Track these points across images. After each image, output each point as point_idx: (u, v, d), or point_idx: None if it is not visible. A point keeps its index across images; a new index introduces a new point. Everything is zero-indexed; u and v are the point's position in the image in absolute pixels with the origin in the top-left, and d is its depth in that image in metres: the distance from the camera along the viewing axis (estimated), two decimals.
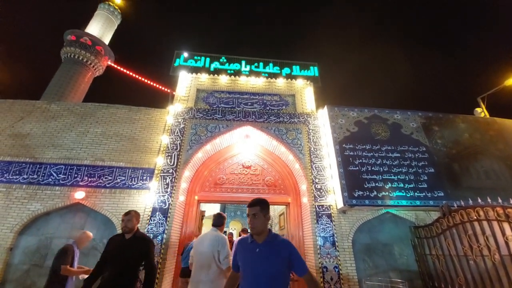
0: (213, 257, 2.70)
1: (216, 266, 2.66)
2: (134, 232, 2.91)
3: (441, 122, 6.73)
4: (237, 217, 20.29)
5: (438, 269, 4.70)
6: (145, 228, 4.92)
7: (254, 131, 6.28)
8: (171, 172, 5.48)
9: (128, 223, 2.85)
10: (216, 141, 6.09)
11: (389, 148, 6.01)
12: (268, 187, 6.35)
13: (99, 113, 6.37)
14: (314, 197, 5.44)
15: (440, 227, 4.73)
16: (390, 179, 5.58)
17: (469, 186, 5.71)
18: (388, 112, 6.65)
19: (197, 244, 2.95)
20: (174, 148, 5.77)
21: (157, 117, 6.37)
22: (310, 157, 5.93)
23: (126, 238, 2.82)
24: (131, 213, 2.94)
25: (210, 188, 6.20)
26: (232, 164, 6.58)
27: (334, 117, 6.31)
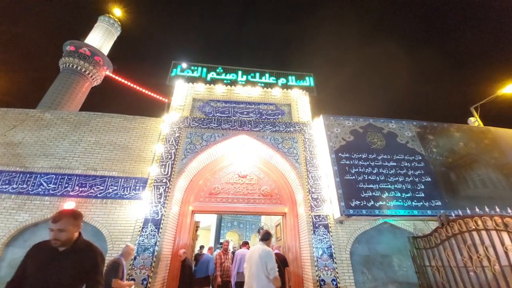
0: (262, 268, 3.09)
1: (265, 276, 3.04)
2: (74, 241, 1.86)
3: (435, 131, 6.78)
4: (234, 227, 19.88)
5: (438, 281, 4.56)
6: (136, 240, 4.75)
7: (250, 140, 6.25)
8: (164, 181, 5.37)
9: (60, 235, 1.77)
10: (211, 150, 6.03)
11: (385, 157, 6.00)
12: (264, 197, 6.24)
13: (93, 122, 6.31)
14: (311, 207, 5.35)
15: (439, 237, 4.63)
16: (387, 188, 5.53)
17: (466, 195, 5.67)
18: (383, 121, 6.68)
19: (249, 257, 3.35)
20: (169, 157, 5.69)
21: (152, 126, 6.33)
22: (306, 166, 5.88)
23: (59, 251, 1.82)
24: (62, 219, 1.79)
25: (205, 198, 6.08)
26: (227, 174, 6.49)
27: (330, 126, 6.32)
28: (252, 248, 3.52)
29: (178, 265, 5.22)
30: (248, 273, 3.24)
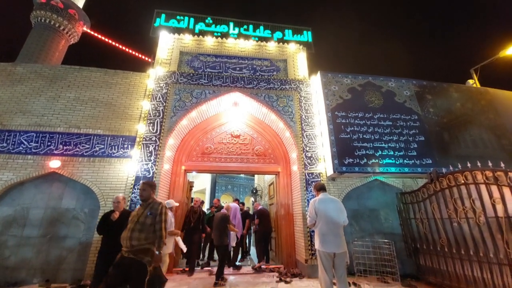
0: (339, 217, 2.98)
1: (342, 223, 2.99)
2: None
3: (434, 91, 6.59)
4: (228, 191, 20.53)
5: (421, 232, 4.84)
6: (129, 196, 4.71)
7: (243, 98, 5.92)
8: (154, 140, 5.15)
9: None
10: (202, 108, 5.71)
11: (381, 116, 5.87)
12: (257, 157, 6.18)
13: (71, 76, 5.76)
14: (304, 165, 5.34)
15: (427, 192, 4.78)
16: (381, 146, 5.51)
17: (456, 154, 5.75)
18: (383, 80, 6.40)
19: (322, 206, 3.05)
20: (157, 115, 5.37)
21: (137, 81, 5.84)
22: (301, 125, 5.71)
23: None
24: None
25: (197, 158, 5.96)
26: (220, 133, 6.29)
27: (327, 84, 6.00)
28: (321, 198, 3.12)
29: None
30: (325, 220, 2.90)
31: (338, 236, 2.80)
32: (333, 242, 2.74)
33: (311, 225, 2.98)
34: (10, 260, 4.42)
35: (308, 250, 4.69)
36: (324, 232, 2.81)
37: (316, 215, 2.92)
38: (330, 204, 2.99)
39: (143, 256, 2.31)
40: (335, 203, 3.04)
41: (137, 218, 2.46)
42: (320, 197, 3.09)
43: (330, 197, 3.14)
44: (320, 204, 2.98)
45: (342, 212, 2.95)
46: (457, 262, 4.09)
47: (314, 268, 4.56)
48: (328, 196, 3.15)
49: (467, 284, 3.87)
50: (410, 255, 4.96)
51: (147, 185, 2.67)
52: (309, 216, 3.00)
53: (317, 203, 3.00)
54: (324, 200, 3.04)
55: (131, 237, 2.34)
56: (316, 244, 2.85)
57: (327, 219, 2.85)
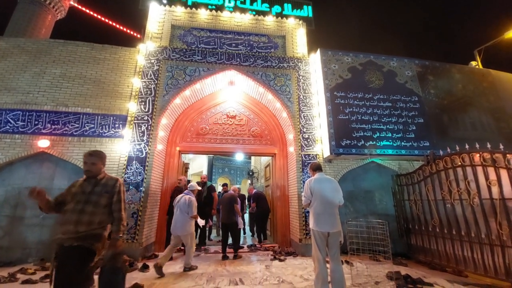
0: (335, 196, 2.88)
1: (338, 202, 2.88)
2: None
3: (436, 72, 6.38)
4: (224, 173, 20.66)
5: (414, 213, 4.91)
6: (122, 177, 4.62)
7: (239, 76, 5.67)
8: (146, 119, 4.96)
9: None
10: (196, 86, 5.47)
11: (381, 97, 5.70)
12: (254, 138, 6.06)
13: (56, 51, 5.41)
14: (301, 147, 5.25)
15: (422, 174, 4.78)
16: (379, 128, 5.41)
17: (454, 137, 5.69)
18: (385, 59, 6.14)
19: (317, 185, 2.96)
20: (148, 93, 5.14)
21: (126, 57, 5.52)
22: (299, 105, 5.54)
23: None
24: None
25: (192, 139, 5.83)
26: (215, 114, 6.11)
27: (327, 62, 5.74)
28: (317, 178, 3.00)
29: (168, 201, 5.27)
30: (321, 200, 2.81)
31: (333, 216, 2.77)
32: (328, 221, 2.71)
33: (306, 205, 2.93)
34: (4, 240, 4.41)
35: (303, 230, 4.75)
36: (319, 211, 2.77)
37: (312, 194, 2.86)
38: (326, 184, 2.92)
39: (92, 242, 1.85)
40: (331, 182, 2.98)
41: (85, 197, 1.94)
42: (316, 177, 3.02)
43: (326, 177, 3.07)
44: (316, 183, 2.91)
45: (337, 192, 2.90)
46: (448, 242, 4.18)
47: (308, 247, 4.64)
48: (324, 176, 3.08)
49: (457, 263, 3.98)
50: (402, 235, 5.06)
51: (97, 156, 2.12)
52: (304, 196, 2.94)
53: (313, 182, 2.93)
54: (320, 179, 2.97)
55: (79, 221, 1.84)
56: (311, 224, 2.82)
57: (322, 199, 2.80)
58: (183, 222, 3.85)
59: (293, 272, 3.71)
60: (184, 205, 3.93)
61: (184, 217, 3.87)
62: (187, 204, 3.91)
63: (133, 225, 4.38)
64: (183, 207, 3.91)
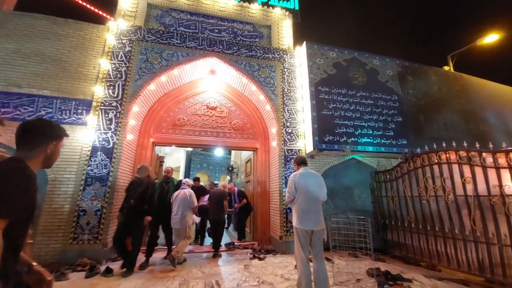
0: (320, 192, 2.74)
1: (322, 199, 2.75)
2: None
3: (415, 73, 6.57)
4: (203, 169, 20.07)
5: (391, 209, 5.00)
6: (83, 169, 4.09)
7: (221, 65, 5.32)
8: (114, 105, 4.44)
9: None
10: (174, 73, 5.03)
11: (364, 94, 5.71)
12: (235, 131, 5.77)
13: (10, 23, 4.64)
14: (284, 141, 5.08)
15: (400, 171, 4.86)
16: (361, 125, 5.42)
17: (430, 136, 5.90)
18: (368, 56, 6.17)
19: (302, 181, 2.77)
20: (118, 77, 4.60)
21: (93, 35, 4.90)
22: (283, 98, 5.35)
23: None
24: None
25: (167, 130, 5.38)
26: (194, 104, 5.70)
27: (313, 56, 5.61)
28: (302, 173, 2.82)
29: None
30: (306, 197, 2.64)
31: (318, 213, 2.61)
32: (312, 219, 2.55)
33: (290, 201, 2.74)
34: None
35: (283, 227, 4.60)
36: (303, 208, 2.60)
37: (296, 190, 2.67)
38: (311, 179, 2.76)
39: None
40: (316, 178, 2.82)
41: None
42: (301, 171, 2.84)
43: (311, 172, 2.91)
44: (301, 178, 2.73)
45: (322, 188, 2.75)
46: (422, 237, 4.29)
47: (288, 245, 4.52)
48: (309, 170, 2.91)
49: (430, 257, 4.09)
50: (379, 230, 5.15)
51: None
52: (288, 191, 2.75)
53: (298, 177, 2.75)
54: (305, 174, 2.80)
55: None
56: (294, 221, 2.64)
57: (307, 195, 2.63)
58: (184, 214, 3.98)
59: (273, 272, 3.54)
60: (186, 198, 4.04)
61: (185, 210, 4.00)
62: (188, 197, 4.06)
63: (96, 224, 3.90)
64: (185, 201, 4.03)
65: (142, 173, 3.79)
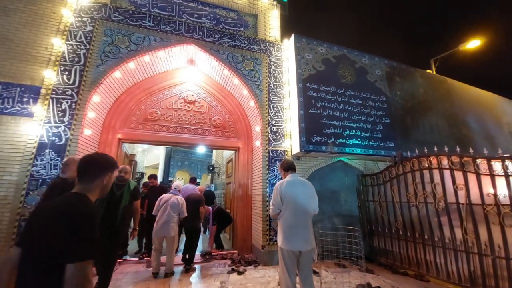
0: (310, 204, 2.35)
1: (312, 212, 2.35)
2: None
3: (403, 74, 6.44)
4: (184, 167, 19.20)
5: (378, 214, 4.78)
6: (27, 170, 3.37)
7: (200, 54, 4.76)
8: (70, 94, 3.74)
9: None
10: (145, 59, 4.39)
11: (352, 93, 5.45)
12: (215, 129, 5.25)
13: None
14: (269, 141, 4.65)
15: (389, 175, 4.64)
16: (349, 126, 5.14)
17: (416, 139, 5.79)
18: (357, 54, 5.91)
19: (289, 190, 2.33)
20: (76, 60, 3.89)
21: (47, 10, 4.12)
22: (268, 94, 4.91)
23: None
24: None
25: (138, 125, 4.73)
26: (170, 97, 5.09)
27: (301, 50, 5.23)
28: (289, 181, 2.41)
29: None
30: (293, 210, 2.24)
31: (306, 229, 2.22)
32: (301, 237, 2.15)
33: (275, 215, 2.32)
34: None
35: (266, 236, 4.18)
36: (290, 224, 2.19)
37: (282, 202, 2.25)
38: (299, 188, 2.35)
39: None
40: (305, 187, 2.41)
41: None
42: (289, 179, 2.42)
43: (300, 180, 2.49)
44: (288, 187, 2.31)
45: (313, 199, 2.36)
46: (411, 245, 4.09)
47: (271, 255, 4.12)
48: (298, 178, 2.49)
49: (419, 267, 3.89)
50: (365, 236, 4.91)
51: None
52: (273, 203, 2.31)
53: (285, 186, 2.32)
54: (293, 182, 2.38)
55: None
56: (279, 240, 2.22)
57: (296, 208, 2.22)
58: (171, 223, 3.68)
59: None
60: (177, 205, 3.77)
61: (173, 218, 3.70)
62: (180, 205, 3.79)
63: None
64: (175, 208, 3.74)
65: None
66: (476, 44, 8.84)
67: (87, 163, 1.17)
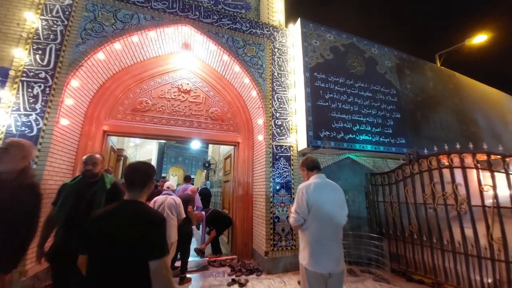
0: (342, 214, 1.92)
1: (344, 222, 1.92)
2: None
3: (412, 66, 6.08)
4: (178, 163, 18.59)
5: (388, 216, 4.43)
6: None
7: (197, 36, 4.25)
8: (43, 77, 3.19)
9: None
10: (133, 39, 3.85)
11: (362, 85, 5.04)
12: (213, 121, 4.77)
13: None
14: (273, 135, 4.21)
15: (402, 174, 4.28)
16: (359, 120, 4.75)
17: (426, 136, 5.47)
18: (367, 44, 5.50)
19: (317, 196, 1.85)
20: (51, 38, 3.34)
21: None
22: (272, 84, 4.45)
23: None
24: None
25: (125, 115, 4.21)
26: (162, 85, 4.57)
27: (308, 36, 4.77)
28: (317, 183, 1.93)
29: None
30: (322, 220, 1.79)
31: (339, 246, 1.80)
32: (332, 256, 1.72)
33: (298, 226, 1.88)
34: None
35: (270, 241, 3.77)
36: (318, 238, 1.75)
37: (309, 210, 1.81)
38: (330, 194, 1.91)
39: None
40: (336, 192, 1.96)
41: None
42: (316, 181, 1.95)
43: (329, 182, 2.02)
44: (316, 192, 1.84)
45: (344, 208, 1.93)
46: (427, 251, 3.75)
47: (275, 262, 3.71)
48: (326, 180, 2.05)
49: (435, 274, 3.57)
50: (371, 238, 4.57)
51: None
52: (297, 211, 1.84)
53: (312, 190, 1.87)
54: (322, 186, 1.92)
55: None
56: (303, 258, 1.78)
57: (326, 219, 1.78)
58: (171, 226, 3.25)
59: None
60: (175, 206, 3.36)
61: (172, 220, 3.27)
62: (177, 205, 3.39)
63: None
64: (174, 209, 3.34)
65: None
66: (483, 39, 8.56)
67: (132, 173, 1.29)
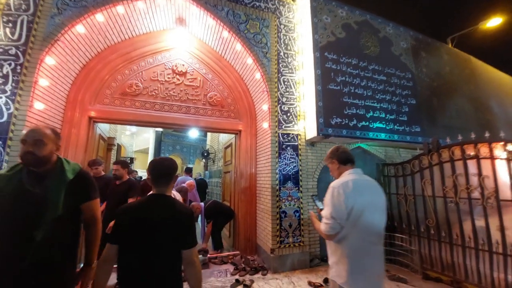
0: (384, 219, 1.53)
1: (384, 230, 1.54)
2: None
3: (428, 49, 5.60)
4: (176, 151, 18.21)
5: (402, 209, 4.14)
6: None
7: (193, 9, 3.72)
8: (13, 53, 2.72)
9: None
10: (119, 10, 3.34)
11: (376, 68, 4.59)
12: (212, 107, 4.34)
13: None
14: (279, 122, 3.80)
15: (419, 165, 3.93)
16: (373, 106, 4.34)
17: (442, 124, 5.10)
18: (381, 22, 4.99)
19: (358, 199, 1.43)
20: (23, 9, 2.83)
21: None
22: (278, 65, 3.99)
23: None
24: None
25: (113, 100, 3.76)
26: (154, 66, 4.09)
27: (318, 11, 4.25)
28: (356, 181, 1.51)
29: None
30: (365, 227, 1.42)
31: (381, 257, 1.45)
32: (376, 272, 1.38)
33: (334, 235, 1.46)
34: None
35: (276, 237, 3.46)
36: (359, 248, 1.38)
37: (348, 215, 1.44)
38: (371, 195, 1.49)
39: None
40: (378, 193, 1.55)
41: None
42: (354, 178, 1.51)
43: (368, 180, 1.60)
44: (356, 193, 1.43)
45: (385, 212, 1.56)
46: (445, 247, 3.47)
47: (282, 260, 3.42)
48: (364, 177, 1.65)
49: (454, 272, 3.31)
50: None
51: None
52: (333, 216, 1.42)
53: (352, 190, 1.44)
54: (361, 185, 1.50)
55: None
56: (339, 275, 1.40)
57: (367, 226, 1.40)
58: None
59: None
60: None
61: None
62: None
63: None
64: None
65: None
66: (498, 22, 8.00)
67: (158, 169, 1.37)
